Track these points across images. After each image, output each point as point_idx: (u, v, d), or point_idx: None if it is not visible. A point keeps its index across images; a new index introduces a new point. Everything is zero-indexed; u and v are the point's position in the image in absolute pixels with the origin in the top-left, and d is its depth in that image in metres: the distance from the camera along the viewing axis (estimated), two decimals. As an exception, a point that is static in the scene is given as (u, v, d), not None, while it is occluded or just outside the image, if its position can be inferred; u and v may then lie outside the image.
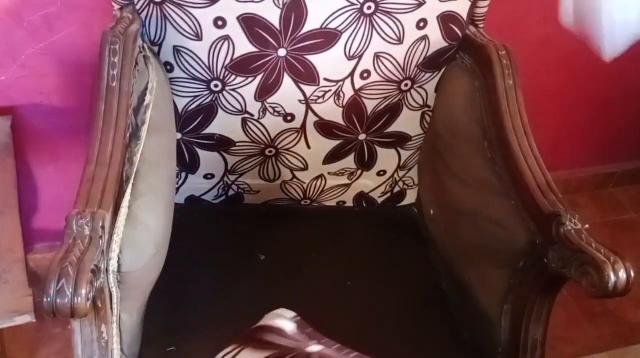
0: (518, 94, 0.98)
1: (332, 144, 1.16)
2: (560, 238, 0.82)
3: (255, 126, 1.11)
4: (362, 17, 1.00)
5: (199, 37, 0.98)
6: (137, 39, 0.92)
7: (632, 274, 0.75)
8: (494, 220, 0.96)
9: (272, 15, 0.97)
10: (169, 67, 1.02)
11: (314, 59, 1.03)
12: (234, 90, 1.05)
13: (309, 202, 1.26)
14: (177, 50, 1.00)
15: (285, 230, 1.19)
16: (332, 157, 1.18)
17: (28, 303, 0.91)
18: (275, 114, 1.09)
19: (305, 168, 1.19)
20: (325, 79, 1.06)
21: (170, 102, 1.05)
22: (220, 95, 1.06)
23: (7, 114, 1.20)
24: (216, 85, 1.04)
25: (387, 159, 1.22)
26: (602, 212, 1.91)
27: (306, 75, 1.05)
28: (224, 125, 1.10)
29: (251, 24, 0.97)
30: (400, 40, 1.04)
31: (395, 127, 1.17)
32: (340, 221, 1.26)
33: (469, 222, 1.03)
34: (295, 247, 1.15)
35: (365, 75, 1.07)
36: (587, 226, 0.83)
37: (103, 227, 0.74)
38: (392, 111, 1.14)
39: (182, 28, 0.97)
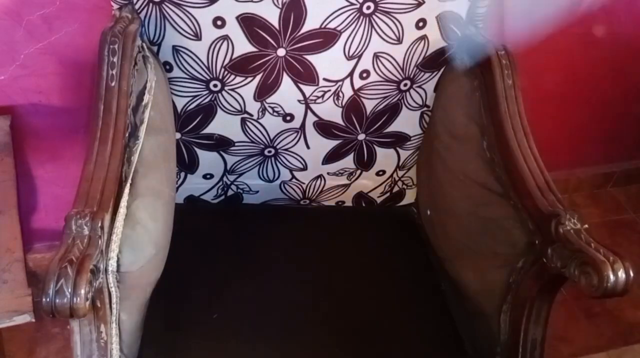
0: (517, 94, 0.98)
1: (331, 143, 1.16)
2: (559, 238, 0.82)
3: (255, 126, 1.11)
4: (361, 17, 1.00)
5: (198, 36, 0.98)
6: (136, 39, 0.92)
7: (631, 274, 0.75)
8: (493, 220, 0.96)
9: (272, 14, 0.97)
10: (168, 67, 1.02)
11: (313, 59, 1.03)
12: (233, 90, 1.05)
13: (308, 201, 1.26)
14: (176, 49, 1.00)
15: (284, 230, 1.19)
16: (331, 157, 1.18)
17: (27, 303, 0.90)
18: (275, 113, 1.09)
19: (305, 168, 1.19)
20: (325, 79, 1.06)
21: (169, 102, 1.04)
22: (220, 94, 1.06)
23: (6, 114, 1.20)
24: (215, 85, 1.04)
25: (386, 158, 1.22)
26: (600, 212, 1.91)
27: (305, 75, 1.05)
28: (223, 125, 1.10)
29: (250, 23, 0.97)
30: (399, 40, 1.04)
31: (394, 127, 1.17)
32: (339, 221, 1.26)
33: (467, 222, 1.03)
34: (294, 246, 1.15)
35: (365, 75, 1.07)
36: (586, 226, 0.83)
37: (102, 227, 0.74)
38: (391, 111, 1.14)
39: (181, 28, 0.97)
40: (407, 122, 1.17)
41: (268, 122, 1.11)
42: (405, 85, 1.11)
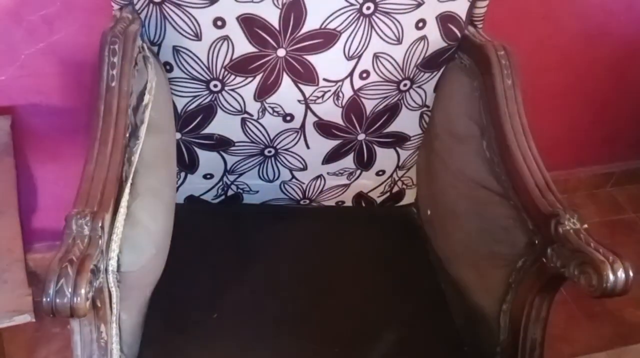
0: (517, 94, 0.98)
1: (331, 144, 1.16)
2: (559, 237, 0.82)
3: (255, 126, 1.11)
4: (361, 17, 1.00)
5: (198, 37, 0.98)
6: (137, 39, 0.92)
7: (631, 274, 0.75)
8: (493, 220, 0.96)
9: (272, 15, 0.97)
10: (168, 67, 1.02)
11: (313, 59, 1.03)
12: (233, 90, 1.05)
13: (308, 201, 1.26)
14: (176, 50, 1.00)
15: (284, 230, 1.19)
16: (331, 157, 1.18)
17: (27, 303, 0.91)
18: (275, 114, 1.10)
19: (305, 168, 1.20)
20: (325, 79, 1.06)
21: (169, 102, 1.05)
22: (220, 95, 1.06)
23: (6, 114, 1.20)
24: (215, 85, 1.04)
25: (385, 158, 1.22)
26: (600, 212, 1.91)
27: (305, 75, 1.05)
28: (223, 125, 1.10)
29: (250, 24, 0.97)
30: (399, 41, 1.04)
31: (394, 127, 1.17)
32: (339, 221, 1.26)
33: (467, 222, 1.03)
34: (294, 246, 1.15)
35: (364, 75, 1.07)
36: (586, 226, 0.83)
37: (102, 227, 0.74)
38: (391, 111, 1.14)
39: (181, 28, 0.97)
40: (406, 122, 1.17)
41: (268, 122, 1.11)
42: (405, 85, 1.11)
